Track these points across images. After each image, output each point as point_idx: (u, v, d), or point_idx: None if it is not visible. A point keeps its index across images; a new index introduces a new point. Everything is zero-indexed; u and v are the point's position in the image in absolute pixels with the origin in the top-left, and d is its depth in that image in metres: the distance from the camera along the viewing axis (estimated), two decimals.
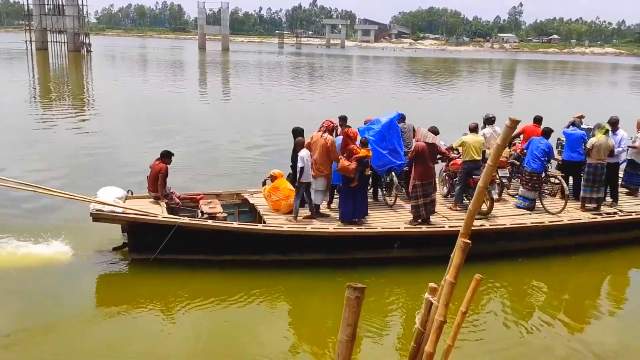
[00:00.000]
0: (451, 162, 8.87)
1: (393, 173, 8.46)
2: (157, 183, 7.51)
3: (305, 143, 7.56)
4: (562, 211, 8.43)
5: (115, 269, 7.05)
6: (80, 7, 60.47)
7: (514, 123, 2.54)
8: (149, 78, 36.50)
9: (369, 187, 8.31)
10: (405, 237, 7.37)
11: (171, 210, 7.58)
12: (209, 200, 7.83)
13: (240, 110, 23.14)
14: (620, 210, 8.83)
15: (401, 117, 8.76)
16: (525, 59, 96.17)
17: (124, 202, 7.38)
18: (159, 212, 7.21)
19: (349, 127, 7.91)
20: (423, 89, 35.74)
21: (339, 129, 8.61)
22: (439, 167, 8.95)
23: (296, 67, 53.69)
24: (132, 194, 7.85)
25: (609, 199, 9.09)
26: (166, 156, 7.68)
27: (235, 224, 7.10)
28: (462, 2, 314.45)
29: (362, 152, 7.15)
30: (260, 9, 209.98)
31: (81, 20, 61.51)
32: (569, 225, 8.15)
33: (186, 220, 6.95)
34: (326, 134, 7.38)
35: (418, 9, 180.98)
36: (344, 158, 7.20)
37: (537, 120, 9.91)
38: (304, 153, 7.46)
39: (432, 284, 3.06)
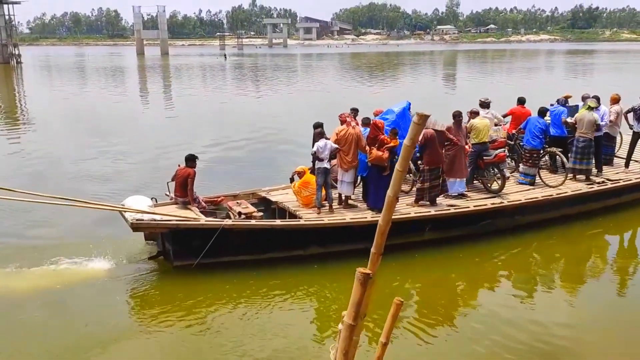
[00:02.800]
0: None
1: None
2: (187, 188, 7.39)
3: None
4: (563, 184, 9.10)
5: (156, 278, 6.90)
6: (8, 17, 57.18)
7: (422, 119, 2.31)
8: (85, 87, 34.79)
9: None
10: (436, 220, 7.72)
11: (202, 214, 7.48)
12: (238, 202, 7.80)
13: (186, 114, 22.36)
14: (608, 179, 9.65)
15: (409, 106, 9.07)
16: (465, 49, 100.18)
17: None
18: (194, 216, 7.12)
19: (368, 118, 8.12)
20: (366, 82, 36.14)
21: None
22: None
23: (239, 67, 53.03)
24: (157, 202, 7.68)
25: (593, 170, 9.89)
26: (191, 160, 7.57)
27: (278, 222, 7.15)
28: None
29: (394, 142, 7.38)
30: (200, 11, 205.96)
31: (9, 31, 58.25)
32: (573, 196, 8.83)
33: (229, 222, 6.91)
34: (356, 125, 7.56)
35: (358, 4, 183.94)
36: (375, 148, 7.41)
37: (521, 101, 10.61)
38: (320, 142, 7.65)
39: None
